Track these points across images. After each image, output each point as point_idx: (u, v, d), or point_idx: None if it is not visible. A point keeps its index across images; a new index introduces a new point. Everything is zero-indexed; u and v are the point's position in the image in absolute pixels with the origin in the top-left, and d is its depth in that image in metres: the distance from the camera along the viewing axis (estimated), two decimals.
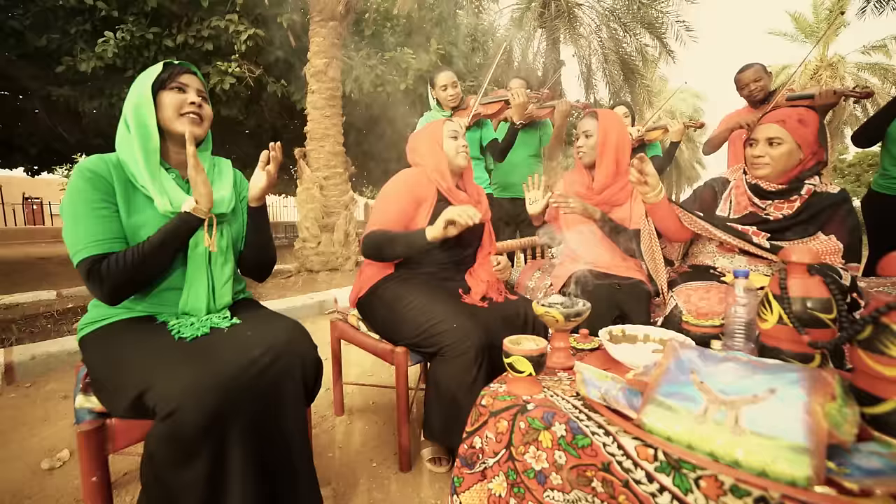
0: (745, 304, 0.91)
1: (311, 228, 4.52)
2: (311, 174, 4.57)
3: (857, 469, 0.55)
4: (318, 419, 1.62)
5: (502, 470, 0.81)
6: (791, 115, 1.24)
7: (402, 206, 1.36)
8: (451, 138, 1.45)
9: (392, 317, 1.27)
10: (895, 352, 0.60)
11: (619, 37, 8.50)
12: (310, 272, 4.54)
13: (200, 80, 1.06)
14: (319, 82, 4.51)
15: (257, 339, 0.90)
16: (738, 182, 1.38)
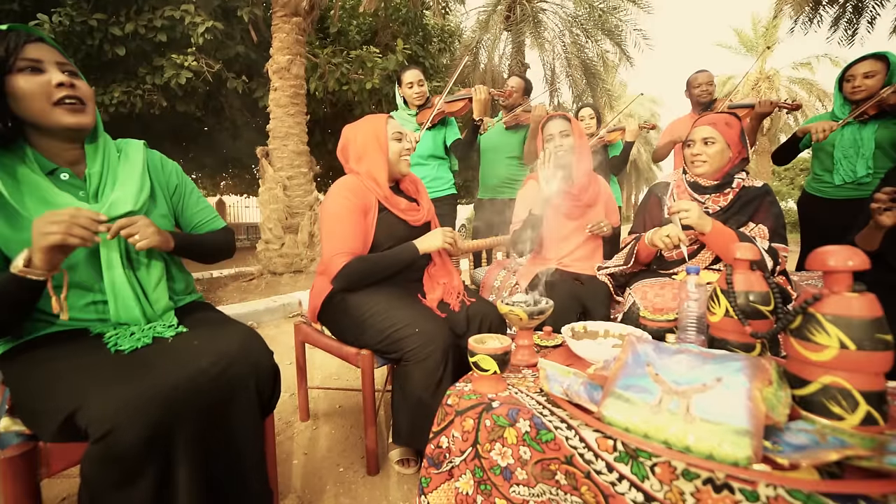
0: (696, 299, 0.96)
1: (274, 230, 4.38)
2: (274, 174, 4.42)
3: (787, 446, 0.60)
4: (282, 425, 1.58)
5: (469, 468, 0.82)
6: (719, 119, 1.39)
7: (357, 224, 1.28)
8: (394, 140, 1.36)
9: (353, 325, 1.25)
10: (820, 338, 0.65)
11: (581, 42, 8.78)
12: (273, 274, 4.40)
13: (57, 49, 0.83)
14: (282, 79, 4.38)
15: (206, 348, 0.84)
16: (678, 182, 1.50)
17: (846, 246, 0.68)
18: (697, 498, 0.60)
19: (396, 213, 1.36)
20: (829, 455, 0.54)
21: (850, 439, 0.58)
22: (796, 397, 0.70)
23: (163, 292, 0.94)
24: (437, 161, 2.48)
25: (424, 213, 1.44)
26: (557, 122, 1.68)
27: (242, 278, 4.37)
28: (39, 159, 0.85)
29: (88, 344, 0.84)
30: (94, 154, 0.91)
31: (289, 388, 1.85)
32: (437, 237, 1.29)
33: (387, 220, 1.34)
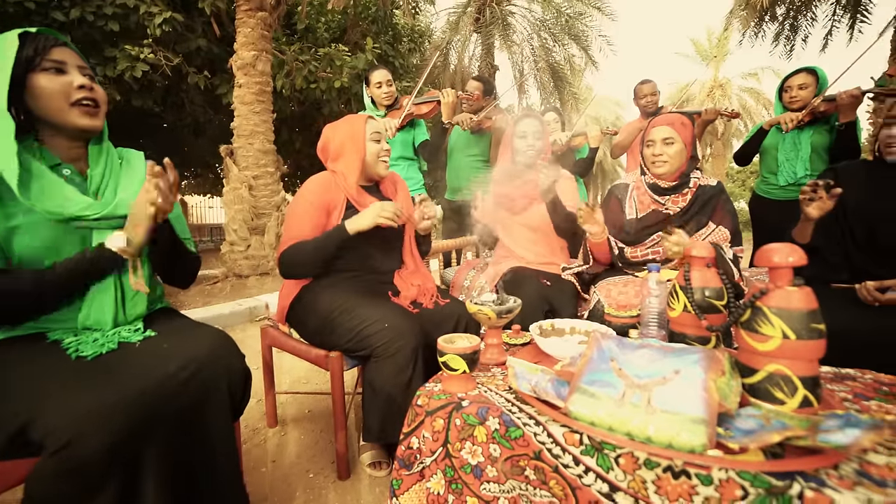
0: (657, 295, 1.01)
1: (239, 231, 4.23)
2: (239, 173, 4.28)
3: (738, 431, 0.64)
4: (249, 433, 1.53)
5: (440, 468, 0.82)
6: (675, 119, 1.44)
7: (313, 219, 1.28)
8: (373, 141, 1.35)
9: (322, 325, 1.23)
10: (766, 330, 0.69)
11: (549, 46, 8.97)
12: (238, 277, 4.25)
13: (78, 55, 0.89)
14: (247, 76, 4.24)
15: (175, 352, 0.82)
16: (637, 183, 1.54)
17: (787, 243, 0.73)
18: (658, 485, 0.62)
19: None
20: (773, 437, 0.58)
21: (790, 421, 0.62)
22: (746, 385, 0.74)
23: (141, 300, 0.93)
24: (406, 162, 2.48)
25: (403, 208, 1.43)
26: (533, 121, 1.72)
27: (206, 281, 4.20)
28: (45, 153, 0.87)
29: (44, 350, 0.80)
30: (97, 155, 0.92)
31: (256, 393, 1.79)
32: (369, 215, 1.21)
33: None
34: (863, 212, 1.26)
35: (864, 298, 1.15)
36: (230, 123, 4.41)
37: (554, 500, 0.71)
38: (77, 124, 0.85)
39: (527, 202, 1.74)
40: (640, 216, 1.50)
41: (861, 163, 1.35)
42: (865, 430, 0.56)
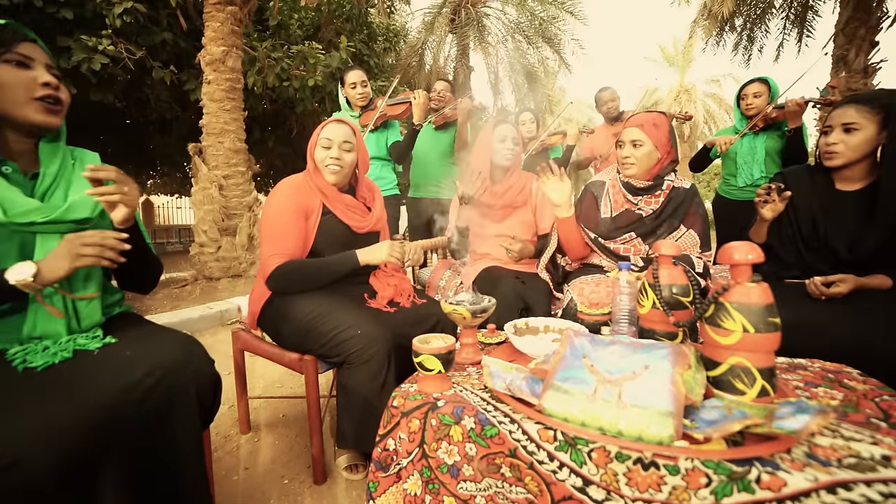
0: (627, 293, 1.04)
1: (209, 232, 4.10)
2: (209, 173, 4.14)
3: (702, 422, 0.66)
4: (220, 440, 1.48)
5: (416, 469, 0.82)
6: (647, 120, 1.45)
7: (296, 225, 1.24)
8: (321, 147, 1.31)
9: (295, 330, 1.20)
10: (727, 324, 0.73)
11: (523, 48, 9.10)
12: (209, 280, 4.11)
13: (47, 53, 0.86)
14: (217, 72, 4.11)
15: (139, 359, 0.78)
16: (613, 182, 1.57)
17: (746, 242, 0.76)
18: (629, 477, 0.64)
19: (340, 219, 1.32)
20: (734, 426, 0.61)
21: (750, 410, 0.66)
22: (710, 378, 0.77)
23: (96, 308, 0.87)
24: (380, 162, 2.46)
25: (372, 222, 1.40)
26: (508, 127, 1.73)
27: (174, 284, 4.05)
28: None
29: None
30: (52, 154, 0.86)
31: (227, 399, 1.74)
32: (382, 251, 1.26)
33: (329, 226, 1.31)
34: (808, 213, 1.34)
35: (812, 293, 1.22)
36: (199, 121, 4.26)
37: (529, 496, 0.72)
38: (34, 120, 0.81)
39: (506, 212, 1.75)
40: (614, 215, 1.53)
41: (806, 167, 1.43)
42: (813, 416, 0.60)
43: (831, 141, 1.26)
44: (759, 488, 0.58)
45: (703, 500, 0.60)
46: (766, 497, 0.57)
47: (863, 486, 0.55)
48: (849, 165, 1.27)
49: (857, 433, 0.67)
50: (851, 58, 5.87)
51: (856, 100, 1.24)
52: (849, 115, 1.23)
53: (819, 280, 1.21)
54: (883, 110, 1.19)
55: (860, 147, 1.23)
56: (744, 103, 2.29)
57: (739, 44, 7.76)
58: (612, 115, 2.82)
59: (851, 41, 5.83)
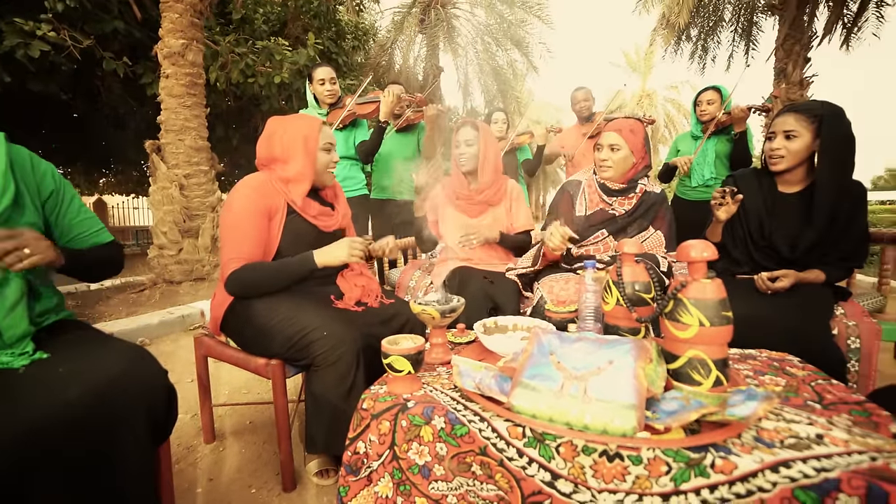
0: (593, 290, 1.07)
1: (169, 233, 3.91)
2: (169, 171, 3.95)
3: (663, 412, 0.69)
4: (182, 451, 1.42)
5: (387, 471, 0.82)
6: (625, 126, 1.52)
7: (258, 228, 1.19)
8: (324, 150, 1.30)
9: (260, 334, 1.17)
10: (685, 319, 0.76)
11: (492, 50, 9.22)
12: (169, 283, 3.92)
13: None
14: (176, 66, 3.91)
15: (74, 376, 0.71)
16: (589, 182, 1.63)
17: (702, 240, 0.81)
18: (595, 469, 0.67)
19: (307, 219, 1.28)
20: (691, 415, 0.65)
21: (706, 400, 0.69)
22: (669, 370, 0.81)
23: (20, 317, 0.78)
24: (348, 161, 2.43)
25: (338, 220, 1.37)
26: (463, 130, 1.75)
27: (131, 289, 3.84)
28: None
29: None
30: None
31: (190, 408, 1.67)
32: (341, 250, 1.19)
33: (295, 225, 1.26)
34: (756, 214, 1.44)
35: (759, 287, 1.31)
36: (157, 117, 4.06)
37: (500, 492, 0.73)
38: None
39: (482, 208, 1.78)
40: (588, 213, 1.59)
41: (753, 170, 1.53)
42: (761, 402, 0.64)
43: (775, 146, 1.35)
44: (713, 472, 0.61)
45: (663, 486, 0.63)
46: (719, 480, 0.60)
47: (800, 462, 0.60)
48: (790, 169, 1.37)
49: (796, 415, 0.72)
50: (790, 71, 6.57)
51: (794, 108, 1.34)
52: (789, 122, 1.32)
53: (766, 276, 1.30)
54: (816, 119, 1.29)
55: (799, 152, 1.32)
56: (699, 109, 2.48)
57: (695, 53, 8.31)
58: (583, 114, 2.89)
59: (789, 56, 6.58)
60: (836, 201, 1.29)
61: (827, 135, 1.28)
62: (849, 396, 0.80)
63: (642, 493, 0.64)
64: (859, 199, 1.31)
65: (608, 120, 2.75)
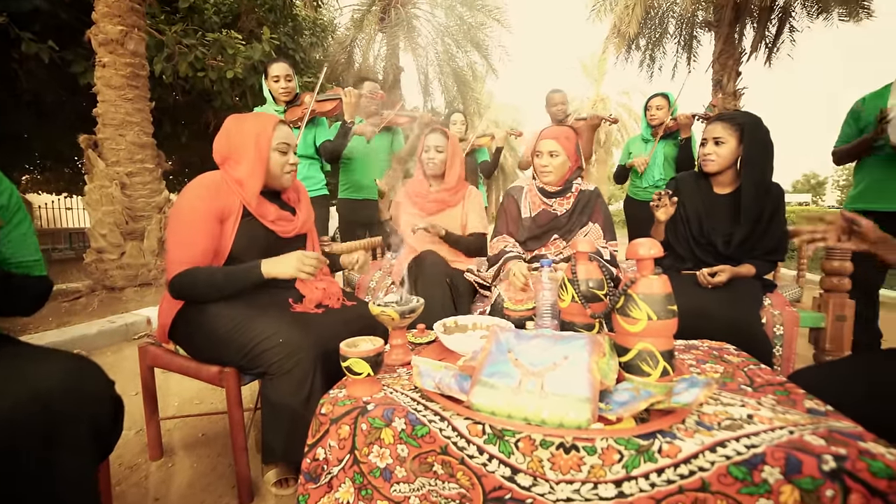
0: (549, 288, 1.10)
1: (109, 236, 3.63)
2: (108, 169, 3.67)
3: (615, 403, 0.73)
4: (123, 471, 1.32)
5: (348, 476, 0.80)
6: (561, 134, 1.62)
7: (207, 230, 1.13)
8: (279, 151, 1.23)
9: (212, 342, 1.11)
10: (635, 313, 0.81)
11: (452, 52, 9.28)
12: (110, 290, 3.64)
13: None
14: (114, 55, 3.63)
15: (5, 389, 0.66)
16: (530, 187, 1.75)
17: (649, 238, 0.85)
18: (552, 462, 0.69)
19: (263, 223, 1.23)
20: (641, 405, 0.68)
21: (654, 389, 0.73)
22: (621, 363, 0.85)
23: None
24: (307, 161, 2.36)
25: (298, 225, 1.32)
26: (433, 136, 1.81)
27: (63, 297, 3.52)
28: None
29: None
30: None
31: (135, 423, 1.56)
32: (289, 265, 1.12)
33: (250, 229, 1.21)
34: (695, 213, 1.57)
35: (701, 282, 1.43)
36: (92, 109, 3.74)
37: (462, 490, 0.74)
38: None
39: (439, 206, 1.83)
40: (534, 215, 1.70)
41: (692, 173, 1.67)
42: (702, 388, 0.69)
43: (707, 151, 1.50)
44: (660, 457, 0.65)
45: (616, 474, 0.66)
46: (666, 464, 0.64)
47: (734, 441, 0.65)
48: (721, 172, 1.51)
49: (731, 399, 0.78)
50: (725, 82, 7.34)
51: (721, 118, 1.49)
52: (717, 130, 1.47)
53: (706, 271, 1.42)
54: (739, 127, 1.45)
55: (728, 157, 1.48)
56: (649, 114, 2.65)
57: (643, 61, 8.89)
58: (559, 117, 2.96)
59: (724, 69, 7.47)
60: (758, 201, 1.44)
61: (748, 141, 1.43)
62: (774, 378, 0.87)
63: (597, 482, 0.66)
64: (778, 199, 1.46)
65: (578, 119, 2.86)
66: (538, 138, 1.63)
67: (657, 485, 0.64)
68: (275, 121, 1.24)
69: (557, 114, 2.94)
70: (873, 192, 1.81)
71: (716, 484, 0.62)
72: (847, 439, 0.63)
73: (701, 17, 7.92)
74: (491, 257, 1.69)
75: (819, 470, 0.60)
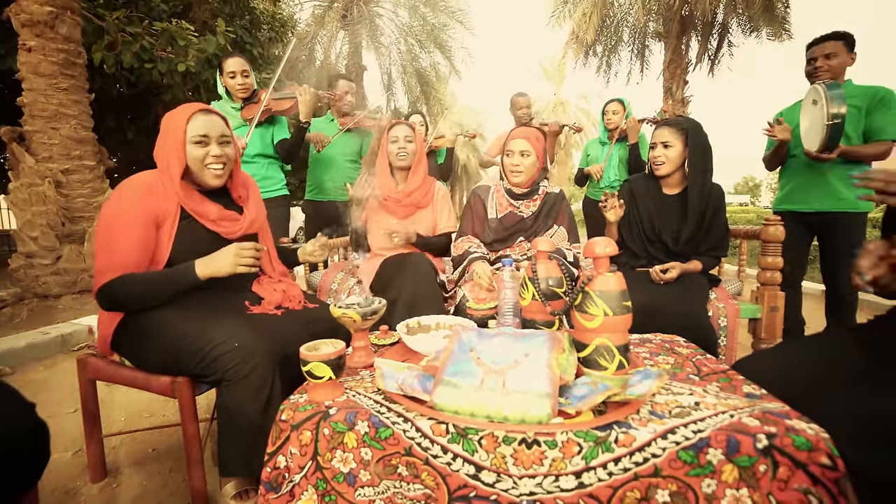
0: (511, 287, 1.12)
1: (42, 239, 3.33)
2: (38, 165, 3.36)
3: (574, 398, 0.75)
4: (59, 497, 1.21)
5: (310, 483, 0.78)
6: (531, 134, 1.66)
7: (139, 235, 1.05)
8: (197, 144, 1.12)
9: (160, 350, 1.04)
10: (592, 310, 0.84)
11: (415, 52, 9.26)
12: (43, 298, 3.34)
13: None
14: (43, 38, 3.31)
15: None
16: (497, 188, 1.77)
17: (605, 237, 0.89)
18: (515, 457, 0.70)
19: (205, 224, 1.15)
20: (599, 398, 0.71)
21: (611, 382, 0.76)
22: (580, 358, 0.88)
23: None
24: (266, 160, 2.28)
25: (245, 224, 1.24)
26: (399, 128, 1.79)
27: None
28: None
29: None
30: None
31: (73, 444, 1.44)
32: (226, 261, 1.06)
33: (190, 232, 1.13)
34: (647, 213, 1.66)
35: (654, 279, 1.51)
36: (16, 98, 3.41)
37: (427, 490, 0.73)
38: None
39: (410, 210, 1.81)
40: (500, 216, 1.72)
41: (643, 175, 1.77)
42: (654, 380, 0.72)
43: (657, 154, 1.60)
44: (617, 447, 0.68)
45: (576, 465, 0.68)
46: (622, 453, 0.67)
47: (683, 428, 0.69)
48: (670, 174, 1.61)
49: (681, 388, 0.83)
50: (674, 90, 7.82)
51: (667, 123, 1.60)
52: (665, 134, 1.58)
53: (658, 268, 1.50)
54: (684, 132, 1.56)
55: (675, 160, 1.58)
56: (605, 118, 2.78)
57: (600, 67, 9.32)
58: (523, 120, 2.99)
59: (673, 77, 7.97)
60: (702, 201, 1.56)
61: (691, 145, 1.55)
62: (718, 367, 0.94)
63: (558, 474, 0.68)
64: (719, 199, 1.58)
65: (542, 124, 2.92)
66: (509, 138, 1.65)
67: (614, 473, 0.67)
68: (190, 111, 1.14)
69: (523, 117, 2.99)
70: (796, 194, 2.01)
71: (667, 469, 0.66)
72: (777, 419, 0.69)
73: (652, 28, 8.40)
74: (455, 257, 1.70)
75: (754, 448, 0.65)
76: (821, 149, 1.71)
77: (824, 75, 1.84)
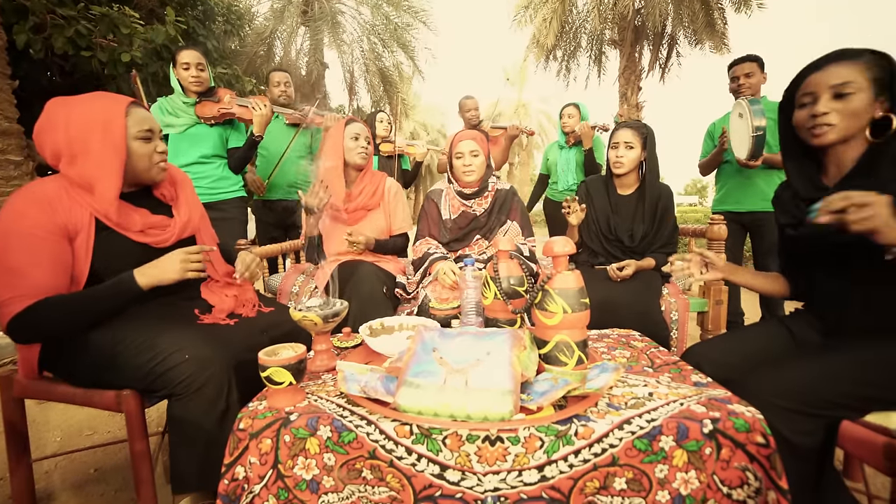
0: (473, 287, 1.13)
1: None
2: None
3: (536, 394, 0.77)
4: None
5: (271, 493, 0.75)
6: (477, 135, 1.71)
7: (53, 254, 0.92)
8: (141, 139, 1.02)
9: (101, 368, 0.95)
10: (552, 307, 0.86)
11: (378, 51, 9.16)
12: None
13: None
14: None
15: None
16: (448, 190, 1.79)
17: (564, 237, 0.92)
18: (479, 455, 0.71)
19: (129, 236, 1.02)
20: (559, 393, 0.73)
21: (570, 378, 0.79)
22: (541, 355, 0.90)
23: None
24: (222, 161, 2.18)
25: (177, 229, 1.11)
26: (360, 125, 1.77)
27: None
28: None
29: None
30: None
31: None
32: (171, 268, 0.97)
33: (111, 245, 1.00)
34: (604, 213, 1.75)
35: (611, 276, 1.58)
36: None
37: (392, 493, 0.73)
38: None
39: (359, 214, 1.78)
40: (454, 217, 1.76)
41: (601, 177, 1.86)
42: (611, 373, 0.75)
43: (620, 154, 1.68)
44: (577, 439, 0.70)
45: (538, 460, 0.70)
46: (581, 445, 0.70)
47: (637, 418, 0.72)
48: (627, 174, 1.71)
49: (636, 380, 0.87)
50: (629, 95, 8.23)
51: (627, 125, 1.69)
52: (628, 135, 1.67)
53: (615, 266, 1.57)
54: (643, 135, 1.66)
55: (634, 160, 1.68)
56: (562, 122, 2.87)
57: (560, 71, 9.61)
58: (472, 122, 3.04)
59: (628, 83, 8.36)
60: (654, 200, 1.66)
61: (649, 147, 1.66)
62: (670, 358, 0.99)
63: (521, 469, 0.70)
64: (669, 199, 1.69)
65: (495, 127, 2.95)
66: (455, 141, 1.68)
67: (575, 465, 0.69)
68: (126, 103, 1.02)
69: (472, 119, 3.03)
70: (731, 196, 2.23)
71: (623, 457, 0.69)
72: (720, 404, 0.75)
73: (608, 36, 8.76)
74: (415, 260, 1.70)
75: (701, 433, 0.70)
76: (749, 156, 1.89)
77: (746, 91, 2.07)
